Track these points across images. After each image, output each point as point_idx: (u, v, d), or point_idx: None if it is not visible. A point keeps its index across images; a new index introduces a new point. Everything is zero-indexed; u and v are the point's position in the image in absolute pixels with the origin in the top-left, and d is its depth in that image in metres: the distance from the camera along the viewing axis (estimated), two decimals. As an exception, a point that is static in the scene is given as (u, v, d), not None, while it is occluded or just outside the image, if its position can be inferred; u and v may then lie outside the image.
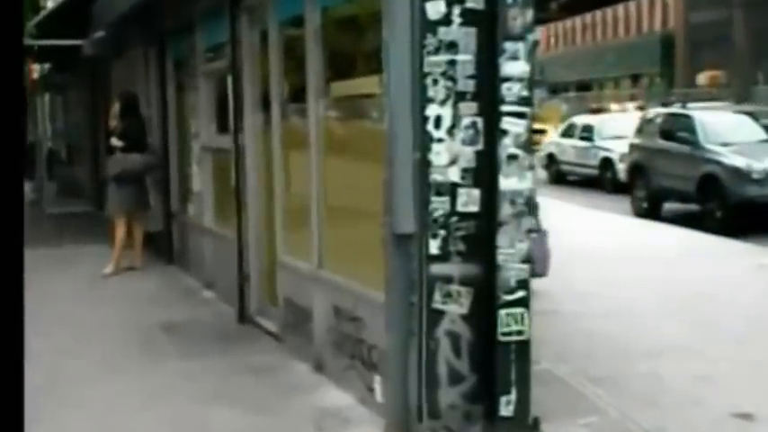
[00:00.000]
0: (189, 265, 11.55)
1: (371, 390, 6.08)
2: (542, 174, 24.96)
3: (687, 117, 17.03)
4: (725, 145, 15.67)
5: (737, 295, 9.43)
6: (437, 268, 5.28)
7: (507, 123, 5.08)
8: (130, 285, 11.09)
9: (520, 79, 5.09)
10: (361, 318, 6.29)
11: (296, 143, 7.59)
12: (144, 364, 7.64)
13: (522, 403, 5.21)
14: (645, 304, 9.08)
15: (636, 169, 17.95)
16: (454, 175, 5.23)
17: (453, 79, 5.18)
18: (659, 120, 18.03)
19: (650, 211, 16.89)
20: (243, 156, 8.80)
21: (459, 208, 5.25)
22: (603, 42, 56.99)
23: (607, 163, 22.03)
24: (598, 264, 11.13)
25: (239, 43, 8.74)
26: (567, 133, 25.45)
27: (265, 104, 8.33)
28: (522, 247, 5.12)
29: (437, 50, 5.15)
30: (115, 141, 12.10)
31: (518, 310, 5.14)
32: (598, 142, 23.02)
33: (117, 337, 8.55)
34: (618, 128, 21.92)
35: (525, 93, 5.09)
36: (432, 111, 5.18)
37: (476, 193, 5.23)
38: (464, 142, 5.22)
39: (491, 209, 5.16)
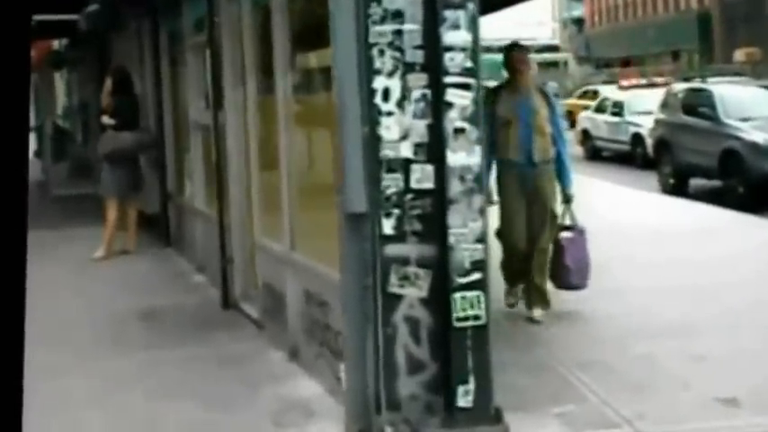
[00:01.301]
0: (184, 249, 11.53)
1: (339, 379, 5.99)
2: (578, 150, 24.77)
3: (707, 92, 17.16)
4: (745, 120, 15.64)
5: (746, 273, 9.20)
6: (392, 249, 5.16)
7: (452, 95, 4.97)
8: (119, 269, 11.08)
9: (463, 49, 4.97)
10: (328, 302, 6.20)
11: (268, 120, 7.51)
12: (110, 355, 7.59)
13: (483, 393, 5.09)
14: (653, 283, 8.90)
15: (661, 145, 17.92)
16: (406, 150, 5.11)
17: (401, 50, 5.07)
18: (681, 95, 17.98)
19: (677, 188, 16.77)
20: (223, 133, 8.72)
21: (414, 185, 5.13)
22: (644, 19, 57.58)
23: (638, 138, 21.84)
24: (613, 242, 10.95)
25: (217, 17, 8.65)
26: (600, 109, 25.28)
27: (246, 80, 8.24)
28: (476, 226, 4.99)
29: (383, 20, 5.04)
30: (106, 119, 12.07)
31: (474, 294, 5.02)
32: (628, 118, 22.89)
33: (89, 326, 8.53)
34: (647, 103, 21.70)
35: (469, 63, 4.97)
36: (379, 83, 5.07)
37: (430, 168, 5.11)
38: (415, 115, 5.10)
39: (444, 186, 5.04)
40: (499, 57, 8.43)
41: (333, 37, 5.24)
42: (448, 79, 4.97)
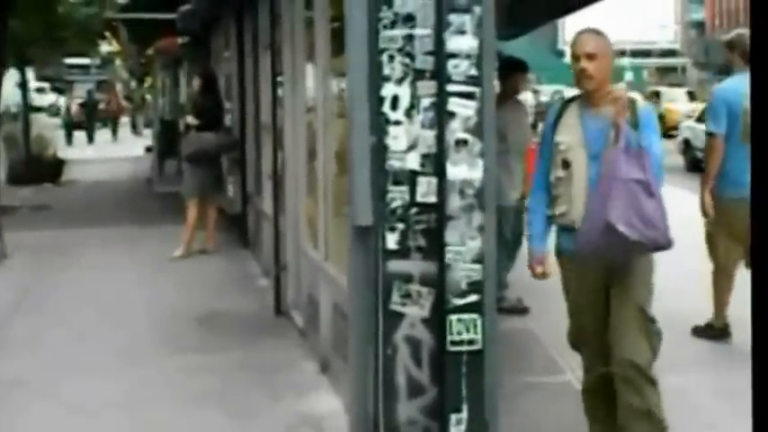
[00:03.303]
0: (257, 251, 11.45)
1: (356, 396, 5.78)
2: (679, 160, 23.99)
3: None
4: None
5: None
6: (395, 265, 4.90)
7: (454, 105, 4.66)
8: (192, 269, 11.10)
9: (468, 56, 4.66)
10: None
11: (311, 123, 7.36)
12: (151, 357, 7.60)
13: (477, 422, 4.79)
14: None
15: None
16: (413, 161, 4.84)
17: (411, 56, 4.79)
18: None
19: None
20: (281, 135, 8.59)
21: (419, 198, 4.85)
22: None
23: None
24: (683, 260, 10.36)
25: (279, 17, 8.53)
26: (701, 118, 24.28)
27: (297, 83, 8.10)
28: (475, 245, 4.69)
29: (393, 24, 4.77)
30: (190, 120, 12.11)
31: (470, 317, 4.72)
32: None
33: (143, 326, 8.53)
34: (747, 114, 20.61)
35: (474, 71, 4.65)
36: (388, 90, 4.80)
37: (435, 182, 4.83)
38: (423, 125, 4.83)
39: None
40: (621, 61, 7.35)
41: (346, 42, 5.03)
42: (451, 87, 4.67)
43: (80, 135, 38.19)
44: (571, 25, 18.83)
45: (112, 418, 6.28)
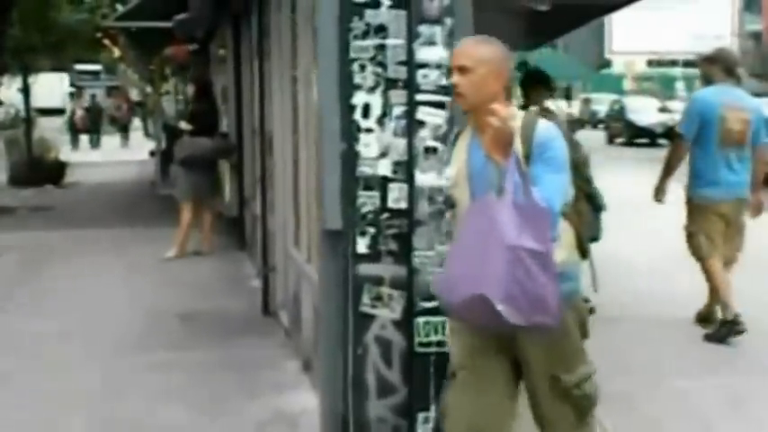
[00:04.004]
0: (253, 253, 11.54)
1: (332, 395, 5.85)
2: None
3: None
4: None
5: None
6: (366, 268, 5.00)
7: (424, 113, 4.78)
8: (185, 270, 11.17)
9: (437, 66, 4.77)
10: (327, 318, 6.07)
11: (297, 127, 7.45)
12: (129, 353, 7.67)
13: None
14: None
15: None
16: (384, 168, 4.94)
17: (383, 65, 4.89)
18: None
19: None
20: (270, 139, 8.69)
21: (391, 204, 4.95)
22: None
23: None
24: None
25: (267, 24, 8.63)
26: None
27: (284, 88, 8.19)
28: (443, 250, 4.78)
29: (365, 35, 4.88)
30: (184, 125, 12.23)
31: (438, 319, 4.81)
32: None
33: (126, 323, 8.59)
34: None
35: (444, 81, 4.76)
36: (359, 99, 4.90)
37: (407, 188, 4.93)
38: (395, 133, 4.92)
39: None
40: (673, 71, 7.74)
41: (317, 52, 5.13)
42: (420, 97, 4.79)
43: (86, 139, 38.37)
44: (619, 35, 18.75)
45: (71, 413, 6.32)
